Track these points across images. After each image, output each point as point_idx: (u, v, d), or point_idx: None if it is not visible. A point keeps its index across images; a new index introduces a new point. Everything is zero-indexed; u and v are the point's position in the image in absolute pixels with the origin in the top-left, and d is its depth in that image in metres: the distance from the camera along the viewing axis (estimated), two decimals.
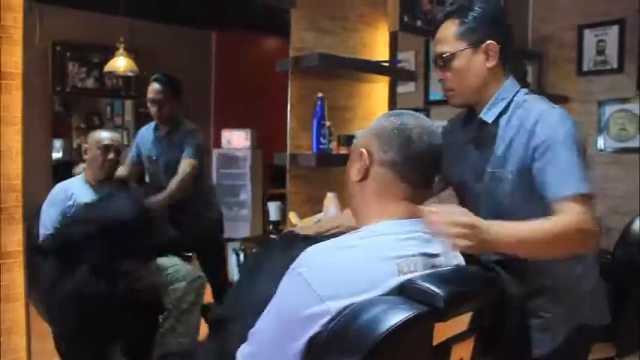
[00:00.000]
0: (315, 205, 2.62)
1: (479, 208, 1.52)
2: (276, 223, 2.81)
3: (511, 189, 1.52)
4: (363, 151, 1.23)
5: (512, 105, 1.56)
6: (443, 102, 4.60)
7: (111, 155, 2.81)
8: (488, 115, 1.56)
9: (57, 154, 6.22)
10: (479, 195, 1.61)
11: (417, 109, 4.44)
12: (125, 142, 6.69)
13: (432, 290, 1.08)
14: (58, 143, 6.31)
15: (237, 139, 5.15)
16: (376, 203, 1.22)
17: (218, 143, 4.24)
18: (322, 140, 2.51)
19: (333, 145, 2.61)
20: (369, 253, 1.11)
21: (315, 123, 2.51)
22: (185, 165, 3.04)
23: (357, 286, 1.06)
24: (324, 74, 2.66)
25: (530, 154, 1.46)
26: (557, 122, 1.46)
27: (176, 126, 3.23)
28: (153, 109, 3.22)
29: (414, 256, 1.14)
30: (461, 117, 1.74)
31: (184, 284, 2.72)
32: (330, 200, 2.59)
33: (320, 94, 2.54)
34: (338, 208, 2.41)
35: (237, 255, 2.71)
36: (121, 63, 4.93)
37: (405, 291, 1.09)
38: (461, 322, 1.19)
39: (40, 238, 2.68)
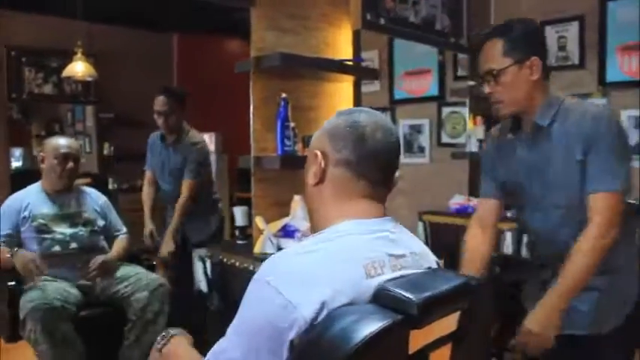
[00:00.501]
0: (282, 209, 2.58)
1: (543, 202, 1.79)
2: (242, 229, 2.75)
3: (580, 177, 1.69)
4: (318, 152, 1.18)
5: (561, 108, 1.74)
6: (407, 101, 4.64)
7: (69, 164, 2.72)
8: (543, 120, 1.74)
9: (17, 163, 6.08)
10: (541, 192, 1.79)
11: (382, 109, 4.46)
12: (87, 149, 6.61)
13: (405, 296, 1.03)
14: (17, 152, 6.17)
15: None
16: (336, 204, 1.18)
17: None
18: (287, 142, 2.45)
19: (299, 146, 2.55)
20: (335, 256, 1.07)
21: (278, 124, 2.45)
22: (184, 188, 3.34)
23: (325, 290, 1.00)
24: (286, 74, 2.61)
25: (583, 149, 1.67)
26: (599, 122, 1.66)
27: (182, 136, 3.39)
28: (159, 121, 3.33)
29: (380, 257, 1.10)
30: (507, 125, 1.90)
31: (146, 294, 2.65)
32: (298, 203, 2.55)
33: (283, 95, 2.48)
34: (305, 211, 2.37)
35: (204, 262, 2.64)
36: (79, 68, 4.83)
37: (377, 298, 1.05)
38: (438, 328, 1.14)
39: None
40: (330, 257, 1.06)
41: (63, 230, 2.68)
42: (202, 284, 2.67)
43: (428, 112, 4.34)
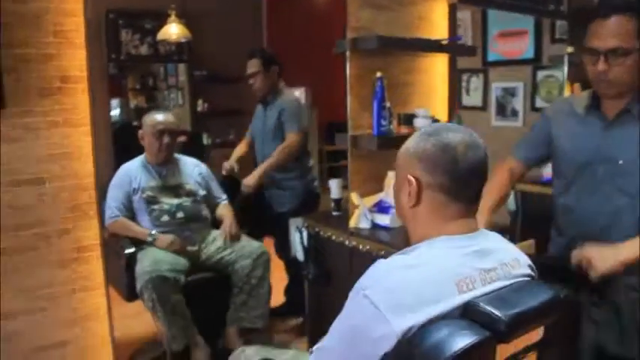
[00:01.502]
0: (376, 184, 2.64)
1: (605, 185, 1.77)
2: (337, 201, 2.84)
3: None
4: (411, 178, 1.21)
5: None
6: (501, 63, 4.48)
7: (166, 140, 2.86)
8: (635, 107, 1.73)
9: (114, 112, 6.39)
10: (607, 175, 1.77)
11: (474, 70, 4.38)
12: (180, 102, 6.84)
13: (494, 314, 1.11)
14: (114, 102, 6.49)
15: None
16: (431, 224, 1.23)
17: None
18: (383, 122, 2.49)
19: (394, 124, 2.59)
20: (429, 275, 1.13)
21: (375, 105, 2.48)
22: (290, 137, 3.25)
23: (419, 307, 1.08)
24: (381, 52, 2.61)
25: None
26: None
27: (276, 96, 3.33)
28: (251, 84, 3.33)
29: (471, 273, 1.16)
30: (582, 100, 1.86)
31: (250, 261, 2.83)
32: (391, 179, 2.61)
33: (379, 74, 2.49)
34: None
35: (301, 233, 2.76)
36: (173, 30, 4.98)
37: (467, 314, 1.13)
38: (522, 340, 1.20)
39: (105, 221, 2.77)
40: (425, 276, 1.12)
41: (169, 201, 2.87)
42: (299, 254, 2.81)
43: (522, 74, 4.21)
